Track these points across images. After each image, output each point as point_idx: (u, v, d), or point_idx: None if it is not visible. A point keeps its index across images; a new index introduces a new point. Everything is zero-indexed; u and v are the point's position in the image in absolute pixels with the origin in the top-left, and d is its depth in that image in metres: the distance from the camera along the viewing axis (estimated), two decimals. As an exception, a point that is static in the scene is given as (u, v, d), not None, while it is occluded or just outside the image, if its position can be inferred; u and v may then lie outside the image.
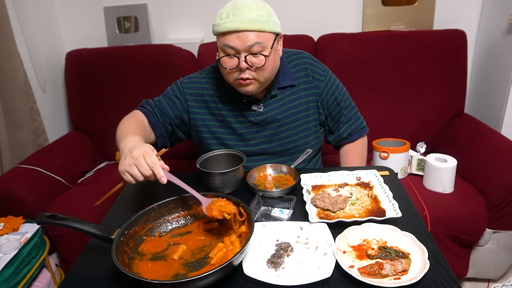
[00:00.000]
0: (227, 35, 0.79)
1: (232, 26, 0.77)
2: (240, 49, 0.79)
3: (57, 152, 1.46)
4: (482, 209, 1.15)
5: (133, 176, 0.66)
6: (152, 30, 1.73)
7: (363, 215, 0.72)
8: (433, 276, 0.57)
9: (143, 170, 0.64)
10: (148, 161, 0.65)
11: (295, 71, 0.94)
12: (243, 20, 0.77)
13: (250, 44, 0.78)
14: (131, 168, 0.65)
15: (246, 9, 0.78)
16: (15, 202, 1.20)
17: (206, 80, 0.95)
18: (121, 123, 0.86)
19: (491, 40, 1.50)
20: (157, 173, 0.64)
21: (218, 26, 0.80)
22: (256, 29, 0.78)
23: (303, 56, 0.96)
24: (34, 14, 1.57)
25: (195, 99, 0.95)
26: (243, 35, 0.78)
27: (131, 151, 0.67)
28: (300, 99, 0.94)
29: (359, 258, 0.62)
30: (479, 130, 1.37)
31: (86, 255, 0.67)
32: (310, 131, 0.96)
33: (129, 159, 0.66)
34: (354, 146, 1.03)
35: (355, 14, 1.64)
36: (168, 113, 0.94)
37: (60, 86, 1.74)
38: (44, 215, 0.62)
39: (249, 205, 0.74)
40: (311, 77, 0.94)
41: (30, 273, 1.07)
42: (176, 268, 0.60)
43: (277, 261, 0.61)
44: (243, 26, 0.77)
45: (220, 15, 0.81)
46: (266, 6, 0.82)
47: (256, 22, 0.78)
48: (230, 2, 0.81)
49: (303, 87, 0.94)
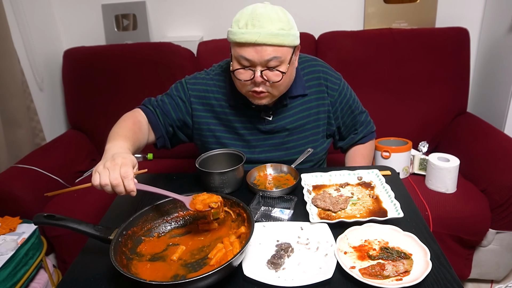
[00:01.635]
0: (244, 46, 0.76)
1: (251, 39, 0.74)
2: (257, 62, 0.76)
3: (55, 152, 1.45)
4: (485, 209, 1.14)
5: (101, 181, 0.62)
6: (151, 28, 1.72)
7: (364, 215, 0.72)
8: (435, 277, 0.56)
9: (112, 178, 0.61)
10: (122, 171, 0.62)
11: (308, 79, 0.91)
12: (262, 33, 0.73)
13: (267, 59, 0.76)
14: (103, 171, 0.63)
15: (266, 20, 0.74)
16: (12, 202, 1.20)
17: (213, 82, 0.91)
18: (118, 122, 0.84)
19: (494, 38, 1.49)
20: (126, 184, 0.62)
21: (235, 35, 0.76)
22: (275, 43, 0.75)
23: (317, 63, 0.93)
24: (31, 12, 1.56)
25: (200, 101, 0.91)
26: (261, 48, 0.75)
27: (114, 157, 0.65)
28: (310, 109, 0.92)
29: (360, 259, 0.61)
30: (482, 129, 1.36)
31: (84, 256, 0.66)
32: (318, 142, 0.95)
33: (108, 163, 0.63)
34: (364, 147, 1.03)
35: (356, 11, 1.63)
36: (171, 115, 0.91)
37: (58, 85, 1.74)
38: (42, 215, 0.62)
39: (249, 205, 0.74)
40: (324, 86, 0.91)
41: (27, 274, 1.06)
42: (175, 269, 0.60)
43: (278, 262, 0.60)
44: (262, 39, 0.74)
45: (237, 21, 0.77)
46: (287, 16, 0.78)
47: (276, 36, 0.74)
48: (249, 9, 0.77)
49: (314, 96, 0.91)
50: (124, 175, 0.62)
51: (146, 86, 1.55)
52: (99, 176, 0.63)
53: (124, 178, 0.62)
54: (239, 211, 0.67)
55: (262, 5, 0.77)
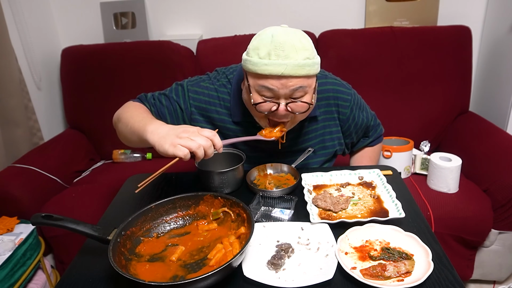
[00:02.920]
0: (267, 78, 0.69)
1: (276, 71, 0.68)
2: (281, 94, 0.70)
3: (53, 151, 1.45)
4: (488, 209, 1.14)
5: (191, 146, 0.60)
6: (150, 26, 1.71)
7: (365, 216, 0.71)
8: (437, 278, 0.56)
9: (202, 140, 0.60)
10: (206, 133, 0.62)
11: (318, 98, 0.85)
12: (289, 65, 0.67)
13: (292, 89, 0.70)
14: (185, 140, 0.60)
15: (290, 50, 0.67)
16: (10, 202, 1.19)
17: (216, 94, 0.85)
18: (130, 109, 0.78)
19: (497, 36, 1.48)
20: (217, 142, 0.62)
21: (256, 66, 0.69)
22: (302, 75, 0.69)
23: (326, 82, 0.86)
24: (29, 10, 1.56)
25: (200, 113, 0.85)
26: (286, 80, 0.69)
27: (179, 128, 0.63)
28: (317, 131, 0.89)
29: (361, 259, 0.61)
30: (484, 129, 1.36)
31: (82, 257, 0.66)
32: (325, 158, 0.93)
33: (183, 134, 0.61)
34: (372, 150, 1.01)
35: (357, 9, 1.63)
36: (165, 118, 0.85)
37: (56, 84, 1.73)
38: (39, 215, 0.62)
39: (249, 205, 0.73)
40: (335, 106, 0.87)
41: (25, 275, 1.06)
42: (174, 270, 0.59)
43: (278, 262, 0.60)
44: (289, 71, 0.68)
45: (256, 50, 0.70)
46: (310, 42, 0.72)
47: (303, 67, 0.68)
48: (268, 35, 0.69)
49: (323, 117, 0.88)
50: (213, 135, 0.62)
51: (145, 85, 1.54)
52: (183, 147, 0.60)
53: (214, 136, 0.62)
54: (239, 211, 0.66)
55: (282, 31, 0.70)
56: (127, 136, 0.77)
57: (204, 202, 0.70)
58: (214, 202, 0.70)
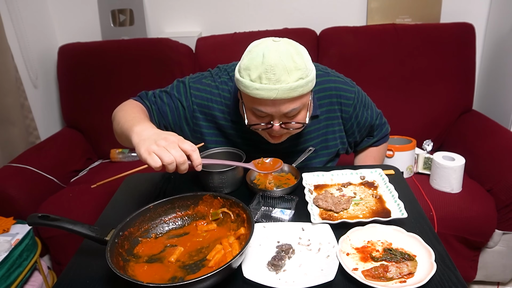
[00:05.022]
0: (259, 100, 0.69)
1: (267, 96, 0.67)
2: (275, 116, 0.71)
3: (49, 150, 1.44)
4: (491, 209, 1.13)
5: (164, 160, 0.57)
6: (148, 23, 1.70)
7: (367, 216, 0.71)
8: (440, 279, 0.55)
9: (177, 155, 0.58)
10: (186, 146, 0.59)
11: (319, 97, 0.84)
12: (280, 89, 0.66)
13: (286, 111, 0.70)
14: (161, 151, 0.58)
15: (282, 73, 0.66)
16: (6, 202, 1.19)
17: (217, 92, 0.84)
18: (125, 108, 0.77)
19: (501, 34, 1.47)
20: (195, 158, 0.59)
21: (247, 89, 0.68)
22: (295, 96, 0.68)
23: (329, 79, 0.85)
24: (25, 7, 1.55)
25: (202, 110, 0.84)
26: (279, 102, 0.68)
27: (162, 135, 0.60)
28: (319, 130, 0.87)
29: (363, 260, 0.60)
30: (488, 127, 1.35)
31: (79, 258, 0.66)
32: (328, 158, 0.92)
33: (161, 142, 0.58)
34: (377, 150, 1.00)
35: (359, 6, 1.62)
36: (167, 117, 0.84)
37: (52, 82, 1.72)
38: (36, 215, 0.61)
39: (249, 205, 0.73)
40: (338, 104, 0.86)
41: (21, 276, 1.05)
42: (173, 271, 0.59)
43: (278, 263, 0.60)
44: (281, 95, 0.67)
45: (247, 71, 0.68)
46: (303, 58, 0.69)
47: (295, 90, 0.67)
48: (259, 55, 0.67)
49: (325, 116, 0.86)
50: (192, 148, 0.59)
51: (143, 83, 1.53)
52: (157, 156, 0.58)
53: (193, 151, 0.59)
54: (239, 211, 0.66)
55: (274, 49, 0.67)
56: (119, 135, 0.77)
57: (203, 202, 0.70)
58: (213, 202, 0.69)
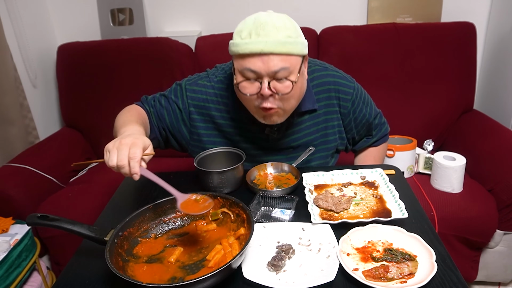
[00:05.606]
0: (249, 58, 0.70)
1: (256, 48, 0.68)
2: (263, 73, 0.70)
3: (49, 150, 1.43)
4: (492, 209, 1.13)
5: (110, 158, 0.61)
6: (148, 23, 1.70)
7: (367, 216, 0.71)
8: (441, 279, 0.55)
9: (120, 158, 0.60)
10: (131, 152, 0.61)
11: (318, 91, 0.85)
12: (268, 42, 0.68)
13: (275, 70, 0.70)
14: (113, 151, 0.61)
15: (271, 29, 0.68)
16: (5, 202, 1.19)
17: (213, 91, 0.85)
18: (124, 112, 0.81)
19: (502, 33, 1.46)
20: (132, 166, 0.60)
21: (238, 47, 0.70)
22: (283, 52, 0.69)
23: (327, 74, 0.86)
24: (24, 6, 1.54)
25: (199, 111, 0.86)
26: (267, 58, 0.69)
27: (125, 137, 0.63)
28: (319, 125, 0.87)
29: (363, 260, 0.60)
30: (489, 127, 1.34)
31: (79, 258, 0.65)
32: (326, 160, 0.91)
33: (117, 143, 0.62)
34: (377, 150, 1.00)
35: (359, 5, 1.61)
36: (165, 120, 0.86)
37: (52, 81, 1.72)
38: (35, 215, 0.61)
39: (249, 205, 0.73)
40: (336, 99, 0.86)
41: (20, 277, 1.05)
42: (173, 271, 0.59)
43: (278, 264, 0.59)
44: (269, 48, 0.68)
45: (239, 32, 0.71)
46: (294, 24, 0.72)
47: (283, 45, 0.69)
48: (251, 18, 0.71)
49: (323, 111, 0.86)
50: (131, 156, 0.60)
51: (142, 82, 1.53)
52: (108, 155, 0.62)
53: (131, 159, 0.60)
54: (239, 211, 0.66)
55: (265, 14, 0.72)
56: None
57: (203, 202, 0.69)
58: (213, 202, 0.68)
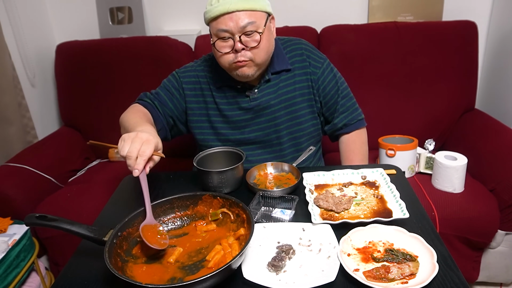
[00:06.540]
0: (219, 19, 0.81)
1: (223, 9, 0.80)
2: (234, 30, 0.81)
3: (47, 150, 1.43)
4: (494, 209, 1.12)
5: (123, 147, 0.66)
6: (147, 21, 1.69)
7: (368, 216, 0.70)
8: (442, 280, 0.55)
9: (130, 150, 0.64)
10: (143, 148, 0.65)
11: (291, 56, 0.94)
12: (233, 1, 0.79)
13: (243, 25, 0.80)
14: (127, 141, 0.66)
15: None
16: (3, 202, 1.18)
17: (201, 68, 0.97)
18: (129, 113, 0.86)
19: (503, 32, 1.46)
20: (138, 162, 0.64)
21: (210, 12, 0.82)
22: (247, 8, 0.80)
23: (299, 42, 0.96)
24: (23, 4, 1.54)
25: (191, 87, 0.96)
26: (235, 15, 0.80)
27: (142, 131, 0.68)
28: (295, 84, 0.94)
29: (364, 261, 0.60)
30: (491, 127, 1.34)
31: (77, 258, 0.65)
32: (307, 117, 0.95)
33: (134, 134, 0.67)
34: (353, 142, 1.00)
35: (360, 4, 1.61)
36: (168, 105, 0.95)
37: (50, 80, 1.71)
38: (33, 215, 0.61)
39: (249, 205, 0.73)
40: (308, 62, 0.94)
41: (19, 277, 1.05)
42: (172, 272, 0.59)
43: (278, 264, 0.59)
44: (234, 6, 0.79)
45: (209, 2, 0.83)
46: None
47: (247, 2, 0.80)
48: None
49: (299, 72, 0.94)
50: (141, 153, 0.64)
51: (142, 81, 1.52)
52: (123, 143, 0.66)
53: (139, 155, 0.64)
54: (239, 211, 0.65)
55: None
56: None
57: (202, 202, 0.69)
58: (213, 202, 0.69)
